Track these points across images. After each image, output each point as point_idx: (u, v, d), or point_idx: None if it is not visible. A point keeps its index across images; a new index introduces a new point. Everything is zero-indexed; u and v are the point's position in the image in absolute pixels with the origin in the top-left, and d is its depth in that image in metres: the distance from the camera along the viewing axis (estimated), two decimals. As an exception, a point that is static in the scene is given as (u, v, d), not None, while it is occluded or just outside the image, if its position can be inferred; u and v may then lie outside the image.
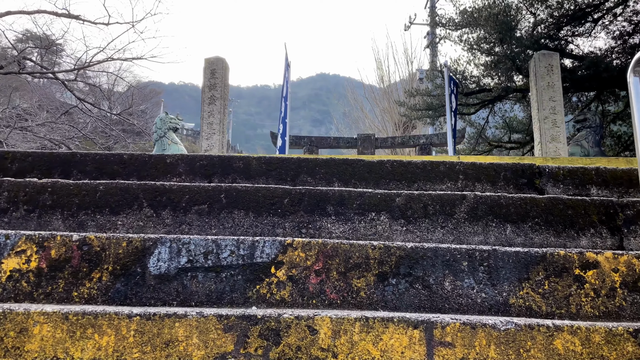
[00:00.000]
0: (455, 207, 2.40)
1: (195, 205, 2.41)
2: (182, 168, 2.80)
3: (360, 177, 2.80)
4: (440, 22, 14.22)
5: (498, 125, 15.99)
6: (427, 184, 2.78)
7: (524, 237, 2.37)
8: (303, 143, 13.76)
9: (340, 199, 2.41)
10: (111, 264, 2.03)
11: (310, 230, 2.37)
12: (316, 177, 2.79)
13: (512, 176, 2.78)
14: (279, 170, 2.81)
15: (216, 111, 10.05)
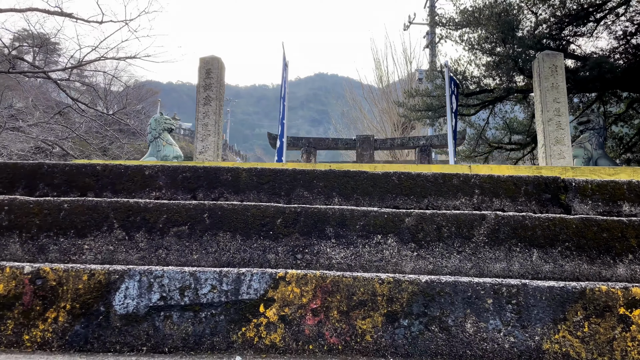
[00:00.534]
0: (473, 229, 2.06)
1: (174, 226, 2.07)
2: (162, 181, 2.46)
3: (364, 191, 2.46)
4: (440, 22, 13.89)
5: (498, 126, 15.69)
6: (439, 199, 2.44)
7: (552, 264, 2.04)
8: (301, 144, 13.41)
9: (341, 220, 2.08)
10: (69, 301, 1.68)
11: (306, 256, 2.04)
12: (314, 191, 2.45)
13: (534, 191, 2.45)
14: (272, 183, 2.47)
15: (211, 112, 9.69)
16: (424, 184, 2.46)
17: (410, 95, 14.44)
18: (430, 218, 2.08)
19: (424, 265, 2.04)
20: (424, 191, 2.46)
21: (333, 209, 2.10)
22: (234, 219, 2.08)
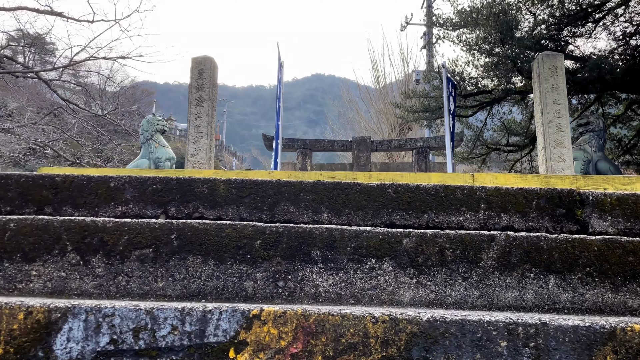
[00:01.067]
0: (481, 251, 1.79)
1: (137, 249, 1.79)
2: (129, 194, 2.17)
3: (356, 205, 2.17)
4: (438, 22, 13.64)
5: (496, 127, 15.46)
6: (441, 214, 2.16)
7: (572, 292, 1.77)
8: (296, 146, 13.11)
9: (329, 241, 1.80)
10: (2, 344, 1.40)
11: (289, 284, 1.75)
12: (300, 205, 2.17)
13: (546, 205, 2.17)
14: (253, 196, 2.18)
15: (204, 113, 9.39)
16: (424, 197, 2.18)
17: (408, 96, 14.19)
18: (432, 239, 1.80)
19: (425, 294, 1.76)
20: (424, 205, 2.17)
21: (320, 229, 1.81)
22: (206, 240, 1.79)
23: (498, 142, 15.40)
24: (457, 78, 12.91)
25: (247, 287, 1.75)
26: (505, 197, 2.17)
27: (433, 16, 14.72)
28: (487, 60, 12.05)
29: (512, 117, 15.22)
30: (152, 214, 2.14)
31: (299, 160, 12.95)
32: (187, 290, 1.74)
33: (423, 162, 12.72)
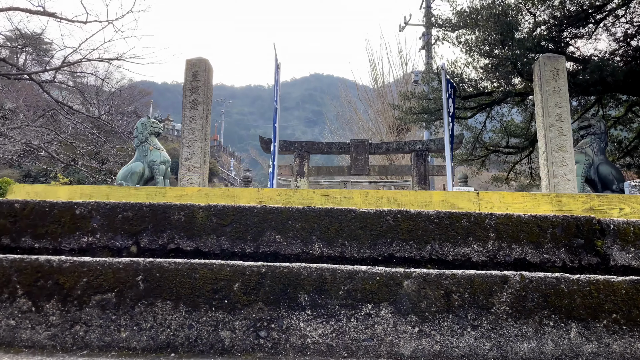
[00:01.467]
0: (492, 295, 1.55)
1: (98, 293, 1.55)
2: (97, 222, 1.93)
3: (351, 235, 1.93)
4: (437, 23, 13.40)
5: (495, 129, 15.24)
6: (445, 245, 1.92)
7: (596, 342, 1.53)
8: (294, 148, 12.87)
9: (319, 283, 1.56)
10: None
11: (273, 333, 1.52)
12: (288, 234, 1.93)
13: (562, 235, 1.93)
14: (235, 225, 1.94)
15: (198, 116, 9.12)
16: (426, 225, 1.93)
17: (406, 98, 13.95)
18: (436, 281, 1.56)
19: (429, 346, 1.52)
20: (427, 235, 1.93)
21: (309, 269, 1.57)
22: (178, 282, 1.55)
23: (497, 143, 15.18)
24: (457, 79, 12.68)
25: (224, 337, 1.51)
26: (516, 225, 1.93)
27: (432, 17, 14.48)
28: (487, 61, 11.81)
29: (511, 119, 15.01)
30: (122, 245, 1.90)
31: (296, 163, 12.71)
32: (154, 342, 1.50)
33: (422, 164, 12.49)
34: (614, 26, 12.59)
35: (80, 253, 1.90)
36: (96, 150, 14.51)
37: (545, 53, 9.67)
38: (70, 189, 2.78)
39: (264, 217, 1.94)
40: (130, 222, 1.92)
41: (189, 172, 8.65)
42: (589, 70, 10.70)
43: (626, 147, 14.17)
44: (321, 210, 1.95)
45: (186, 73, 9.76)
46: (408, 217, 1.93)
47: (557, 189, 8.32)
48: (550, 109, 8.95)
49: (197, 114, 9.53)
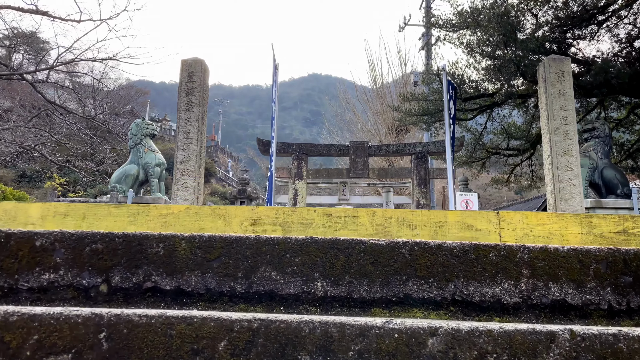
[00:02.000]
0: (537, 356, 1.26)
1: (51, 354, 1.25)
2: (60, 256, 1.62)
3: (360, 271, 1.63)
4: (437, 23, 13.10)
5: (496, 131, 14.98)
6: (470, 283, 1.62)
7: (665, 415, 1.25)
8: (292, 150, 12.56)
9: (324, 342, 1.26)
10: None
11: (267, 405, 1.22)
12: (286, 271, 1.63)
13: (608, 271, 1.64)
14: (224, 259, 1.64)
15: (193, 118, 8.78)
16: (448, 260, 1.64)
17: (406, 99, 13.66)
18: (468, 339, 1.26)
19: (459, 421, 1.22)
20: (449, 271, 1.63)
21: (311, 324, 1.27)
22: (150, 341, 1.25)
23: (498, 145, 14.92)
24: (457, 81, 12.40)
25: (207, 411, 1.21)
26: (554, 260, 1.63)
27: (432, 17, 14.19)
28: (489, 63, 11.53)
29: (512, 121, 14.75)
30: (90, 284, 1.60)
31: (295, 165, 12.40)
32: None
33: (422, 167, 12.21)
34: (617, 27, 12.33)
35: (40, 293, 1.59)
36: (91, 151, 14.17)
37: (549, 55, 9.39)
38: (43, 207, 2.47)
39: (257, 249, 1.64)
40: (100, 255, 1.62)
41: (184, 175, 8.33)
42: (593, 72, 10.42)
43: (628, 149, 13.94)
44: (325, 241, 1.65)
45: (181, 74, 9.42)
46: (427, 250, 1.63)
47: (562, 194, 8.05)
48: (556, 112, 8.67)
49: (192, 115, 9.20)
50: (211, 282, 1.61)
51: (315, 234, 2.08)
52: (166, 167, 11.02)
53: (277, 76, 10.90)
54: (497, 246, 1.64)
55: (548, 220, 2.39)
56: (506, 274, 1.62)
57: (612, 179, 9.86)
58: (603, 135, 10.14)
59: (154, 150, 10.62)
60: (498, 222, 2.37)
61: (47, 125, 14.22)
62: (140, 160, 10.36)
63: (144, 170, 10.31)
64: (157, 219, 2.42)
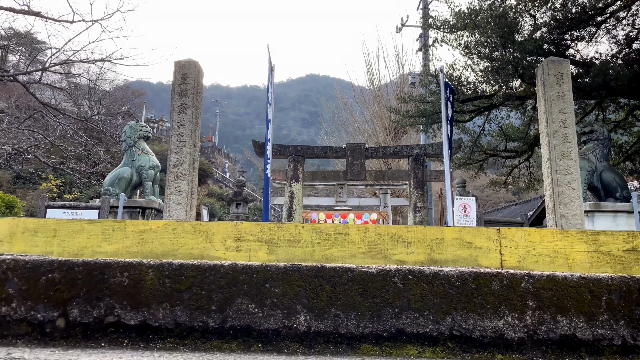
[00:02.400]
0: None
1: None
2: (13, 286, 1.45)
3: (348, 303, 1.46)
4: (434, 24, 12.95)
5: (493, 133, 14.86)
6: (470, 316, 1.46)
7: None
8: (288, 152, 12.39)
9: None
10: None
11: None
12: (266, 303, 1.46)
13: (621, 302, 1.47)
14: (196, 289, 1.47)
15: (187, 121, 8.60)
16: (445, 290, 1.47)
17: (403, 101, 13.51)
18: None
19: None
20: (446, 303, 1.46)
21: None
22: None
23: (496, 147, 14.80)
24: (455, 82, 12.27)
25: None
26: (562, 291, 1.46)
27: (429, 18, 14.05)
28: (487, 64, 11.38)
29: (510, 122, 14.63)
30: (46, 318, 1.42)
31: (291, 168, 12.23)
32: None
33: (419, 170, 12.05)
34: (615, 29, 12.22)
35: (-10, 328, 1.42)
36: (85, 153, 13.95)
37: (547, 56, 9.25)
38: (12, 223, 2.28)
39: (233, 278, 1.46)
40: (57, 286, 1.44)
41: (177, 179, 8.16)
42: (592, 74, 10.29)
43: (626, 151, 13.83)
44: (309, 269, 1.47)
45: (175, 75, 9.24)
46: (422, 278, 1.46)
47: (561, 198, 7.92)
48: (554, 115, 8.53)
49: (186, 118, 9.01)
50: (181, 315, 1.43)
51: (303, 252, 1.91)
52: (161, 169, 10.83)
53: (272, 78, 10.71)
54: (500, 274, 1.47)
55: (552, 238, 2.22)
56: (509, 306, 1.45)
57: (611, 182, 9.72)
58: (602, 138, 9.99)
59: (148, 153, 10.43)
60: (499, 240, 2.20)
61: (42, 127, 14.01)
62: (134, 162, 10.18)
63: (138, 173, 10.12)
64: (134, 235, 2.24)
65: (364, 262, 2.13)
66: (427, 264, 2.11)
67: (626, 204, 9.54)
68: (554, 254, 2.13)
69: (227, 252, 2.15)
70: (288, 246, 2.16)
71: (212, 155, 41.34)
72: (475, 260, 2.12)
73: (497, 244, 2.18)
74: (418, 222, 11.42)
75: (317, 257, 2.07)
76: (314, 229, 2.20)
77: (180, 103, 9.17)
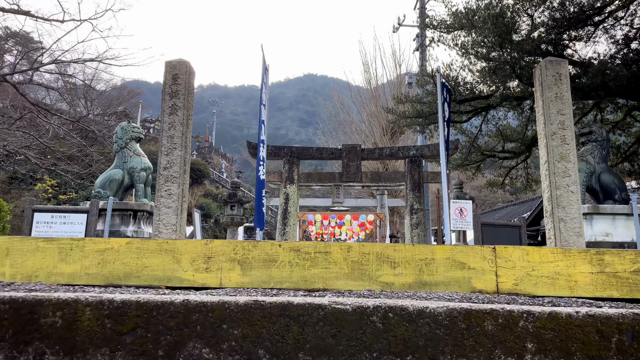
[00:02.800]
0: None
1: None
2: None
3: (318, 347, 1.26)
4: (431, 24, 12.75)
5: (491, 133, 14.68)
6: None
7: None
8: (283, 154, 12.17)
9: None
10: None
11: None
12: (222, 347, 1.25)
13: (633, 344, 1.27)
14: (141, 332, 1.26)
15: (178, 122, 8.36)
16: (432, 331, 1.26)
17: (400, 101, 13.31)
18: None
19: None
20: (432, 346, 1.26)
21: None
22: None
23: (493, 148, 14.62)
24: (452, 83, 12.08)
25: None
26: (566, 331, 1.26)
27: (426, 18, 13.85)
28: (484, 64, 11.18)
29: (507, 123, 14.45)
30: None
31: (286, 170, 12.02)
32: None
33: (416, 171, 11.85)
34: (614, 28, 12.04)
35: None
36: (77, 154, 13.71)
37: (544, 56, 9.06)
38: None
39: (185, 318, 1.25)
40: (-19, 327, 1.24)
41: (168, 182, 7.94)
42: (590, 75, 10.10)
43: (624, 152, 13.66)
44: (273, 306, 1.27)
45: (165, 76, 8.99)
46: (404, 317, 1.26)
47: (559, 201, 7.73)
48: (553, 116, 8.32)
49: (176, 119, 8.77)
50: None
51: (279, 274, 1.70)
52: (153, 171, 10.60)
53: (267, 78, 10.48)
54: (494, 312, 1.26)
55: (553, 257, 2.01)
56: (506, 349, 1.24)
57: (610, 184, 9.53)
58: (600, 139, 9.80)
59: (140, 154, 10.19)
60: (494, 259, 1.99)
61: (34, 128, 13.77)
62: (125, 164, 9.95)
63: (130, 175, 9.90)
64: (93, 255, 2.03)
65: (346, 285, 1.92)
66: (415, 287, 1.90)
67: (625, 207, 9.36)
68: (555, 276, 1.92)
69: (196, 273, 1.94)
70: (263, 267, 1.95)
71: (208, 156, 41.05)
72: (469, 283, 1.91)
73: (493, 264, 1.97)
74: (414, 224, 11.23)
75: (295, 279, 1.86)
76: (292, 248, 1.98)
77: (171, 104, 8.92)
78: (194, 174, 28.03)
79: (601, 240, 9.50)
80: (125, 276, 1.95)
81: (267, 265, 1.95)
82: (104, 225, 8.40)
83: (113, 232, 9.14)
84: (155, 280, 1.94)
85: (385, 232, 16.16)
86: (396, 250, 2.01)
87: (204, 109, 67.18)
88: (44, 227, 7.61)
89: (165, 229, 6.42)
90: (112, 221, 9.19)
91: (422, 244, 11.56)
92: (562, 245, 6.65)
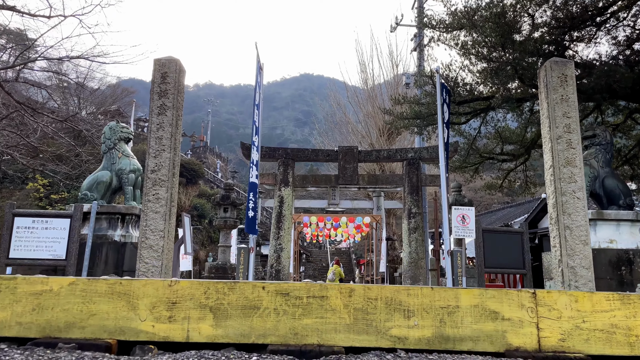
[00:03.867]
0: None
1: None
2: None
3: None
4: (430, 24, 12.32)
5: (490, 135, 14.30)
6: None
7: None
8: (277, 155, 11.71)
9: None
10: None
11: None
12: None
13: None
14: None
15: (167, 123, 7.87)
16: None
17: (397, 102, 12.88)
18: None
19: None
20: None
21: None
22: None
23: (492, 150, 14.25)
24: (451, 83, 11.67)
25: None
26: None
27: (424, 17, 13.42)
28: (485, 65, 10.78)
29: (506, 125, 14.07)
30: None
31: (280, 172, 11.56)
32: None
33: (414, 174, 11.43)
34: (616, 29, 11.69)
35: None
36: (66, 154, 13.17)
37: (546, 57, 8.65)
38: None
39: None
40: None
41: (156, 185, 7.45)
42: (594, 76, 9.72)
43: (625, 155, 13.34)
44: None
45: (154, 74, 8.49)
46: None
47: (565, 207, 7.29)
48: (558, 120, 7.90)
49: (165, 120, 8.27)
50: None
51: (263, 325, 1.26)
52: (142, 172, 10.10)
53: (261, 78, 10.00)
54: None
55: (608, 306, 1.57)
56: None
57: (614, 189, 9.15)
58: (604, 143, 9.42)
59: (129, 156, 9.70)
60: (534, 307, 1.54)
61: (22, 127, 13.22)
62: (113, 166, 9.46)
63: (118, 177, 9.41)
64: (27, 299, 1.56)
65: (347, 339, 1.46)
66: (436, 343, 1.44)
67: (630, 212, 9.00)
68: (612, 329, 1.48)
69: (157, 323, 1.49)
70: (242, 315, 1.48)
71: (203, 155, 40.39)
72: (503, 338, 1.47)
73: (533, 313, 1.52)
74: (412, 228, 10.80)
75: (282, 332, 1.40)
76: (279, 291, 1.52)
77: (160, 104, 8.41)
78: (188, 173, 27.46)
79: (605, 247, 9.18)
80: (67, 326, 1.49)
81: (247, 314, 1.48)
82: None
83: (99, 236, 8.67)
84: (105, 331, 1.49)
85: (381, 234, 15.75)
86: (410, 294, 1.54)
87: (200, 108, 66.44)
88: (24, 233, 7.11)
89: (152, 235, 5.89)
90: (99, 225, 8.72)
91: (420, 248, 11.10)
92: (567, 254, 6.19)
